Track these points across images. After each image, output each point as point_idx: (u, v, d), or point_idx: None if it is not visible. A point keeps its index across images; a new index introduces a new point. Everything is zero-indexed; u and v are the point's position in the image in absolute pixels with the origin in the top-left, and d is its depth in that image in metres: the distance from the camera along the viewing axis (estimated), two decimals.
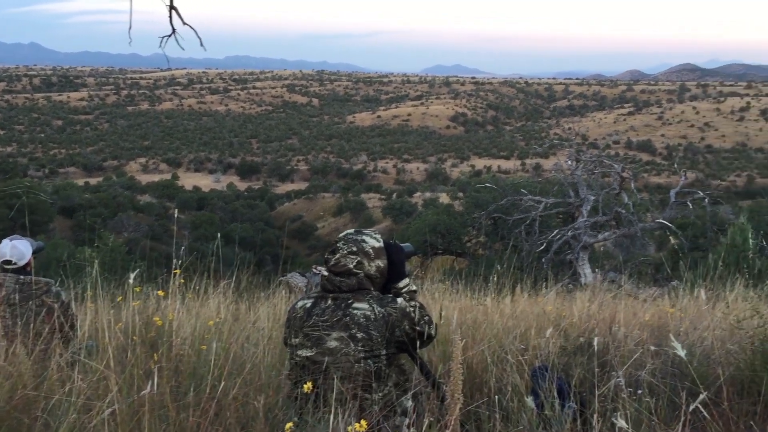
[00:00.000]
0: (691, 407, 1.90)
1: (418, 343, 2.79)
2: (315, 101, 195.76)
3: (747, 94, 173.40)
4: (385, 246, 3.00)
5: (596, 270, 14.45)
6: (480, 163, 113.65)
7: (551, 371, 2.82)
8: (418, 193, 72.14)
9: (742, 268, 7.30)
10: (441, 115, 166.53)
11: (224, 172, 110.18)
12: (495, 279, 5.70)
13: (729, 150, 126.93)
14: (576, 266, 13.66)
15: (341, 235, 3.00)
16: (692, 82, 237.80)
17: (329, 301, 2.82)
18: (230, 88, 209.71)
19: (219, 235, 4.08)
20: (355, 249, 2.89)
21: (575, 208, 14.50)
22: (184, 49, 3.71)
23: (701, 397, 1.89)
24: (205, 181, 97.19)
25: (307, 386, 2.54)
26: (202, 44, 3.67)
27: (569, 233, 13.53)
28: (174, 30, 3.66)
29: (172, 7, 3.56)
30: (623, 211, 13.87)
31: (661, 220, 14.20)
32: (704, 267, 6.00)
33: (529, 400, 2.51)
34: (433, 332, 2.88)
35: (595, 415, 2.17)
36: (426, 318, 2.86)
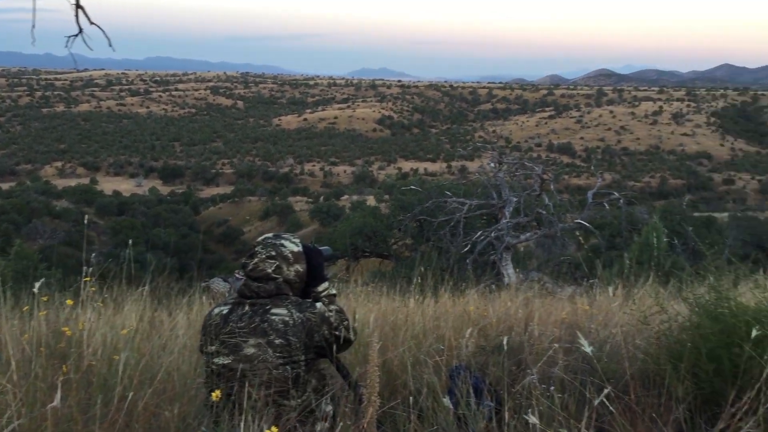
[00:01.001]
0: (596, 402, 1.97)
1: (335, 347, 2.79)
2: (240, 104, 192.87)
3: (659, 99, 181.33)
4: (305, 250, 2.98)
5: (519, 270, 14.78)
6: (407, 165, 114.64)
7: (468, 371, 2.87)
8: (346, 196, 72.13)
9: (654, 265, 7.60)
10: (368, 118, 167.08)
11: (146, 176, 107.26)
12: (418, 281, 5.74)
13: (643, 152, 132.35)
14: (499, 266, 13.93)
15: (259, 239, 2.97)
16: (609, 87, 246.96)
17: (246, 307, 2.78)
18: (151, 89, 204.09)
19: (131, 241, 3.96)
20: (273, 253, 2.86)
21: (498, 210, 14.78)
22: (92, 50, 3.59)
23: (605, 391, 1.96)
24: (125, 186, 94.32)
25: (216, 394, 2.49)
26: (110, 44, 3.56)
27: (492, 234, 13.78)
28: (81, 30, 3.53)
29: (78, 6, 3.44)
30: (544, 212, 14.25)
31: (579, 221, 14.65)
32: (619, 265, 6.23)
33: (446, 400, 2.54)
34: (351, 336, 2.88)
35: (507, 414, 2.21)
36: (345, 322, 2.85)
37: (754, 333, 2.57)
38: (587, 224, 14.33)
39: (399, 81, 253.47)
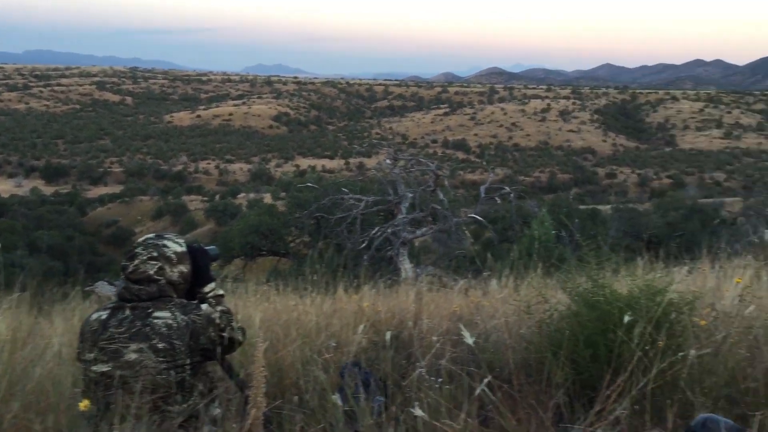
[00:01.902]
0: (477, 391, 2.03)
1: (222, 349, 2.72)
2: (128, 99, 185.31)
3: (547, 97, 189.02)
4: (189, 250, 2.89)
5: (415, 264, 15.03)
6: (304, 162, 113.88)
7: (358, 367, 2.88)
8: (242, 194, 70.82)
9: (542, 256, 7.89)
10: (264, 115, 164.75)
11: (27, 175, 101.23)
12: (313, 278, 5.71)
13: (533, 148, 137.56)
14: (396, 262, 14.12)
15: (140, 240, 2.85)
16: (500, 85, 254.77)
17: (127, 312, 2.66)
18: (31, 84, 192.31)
19: None
20: (155, 254, 2.76)
21: (394, 206, 14.98)
22: None
23: (485, 380, 2.02)
24: (4, 186, 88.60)
25: (84, 404, 2.38)
26: None
27: (389, 230, 13.95)
28: None
29: None
30: (439, 207, 14.56)
31: (473, 215, 15.08)
32: (510, 257, 6.41)
33: (335, 397, 2.53)
34: (239, 337, 2.82)
35: (395, 407, 2.23)
36: (232, 323, 2.79)
37: (626, 319, 2.72)
38: (480, 218, 14.75)
39: (295, 77, 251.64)
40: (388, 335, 2.78)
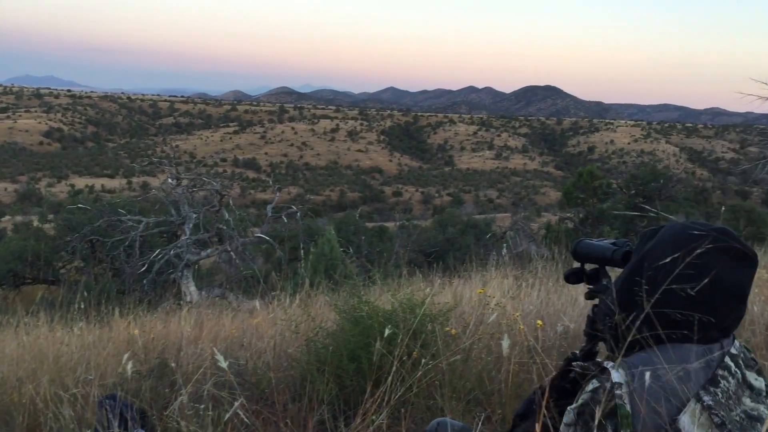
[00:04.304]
0: (227, 415, 2.02)
1: None
2: None
3: (336, 117, 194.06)
4: None
5: (202, 287, 14.55)
6: (81, 182, 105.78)
7: (115, 399, 2.72)
8: (7, 217, 63.94)
9: (327, 274, 8.05)
10: (32, 130, 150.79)
11: None
12: (80, 306, 5.31)
13: (324, 167, 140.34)
14: (181, 285, 13.57)
15: None
16: (290, 104, 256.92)
17: None
18: None
19: None
20: None
21: (178, 227, 14.42)
22: None
23: (236, 403, 2.02)
24: None
25: None
26: None
27: (172, 252, 13.38)
28: None
29: None
30: (224, 228, 14.25)
31: (259, 234, 14.96)
32: (298, 276, 6.45)
33: None
34: None
35: None
36: None
37: (386, 332, 2.86)
38: (266, 237, 14.68)
39: (69, 90, 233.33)
40: (157, 363, 2.66)
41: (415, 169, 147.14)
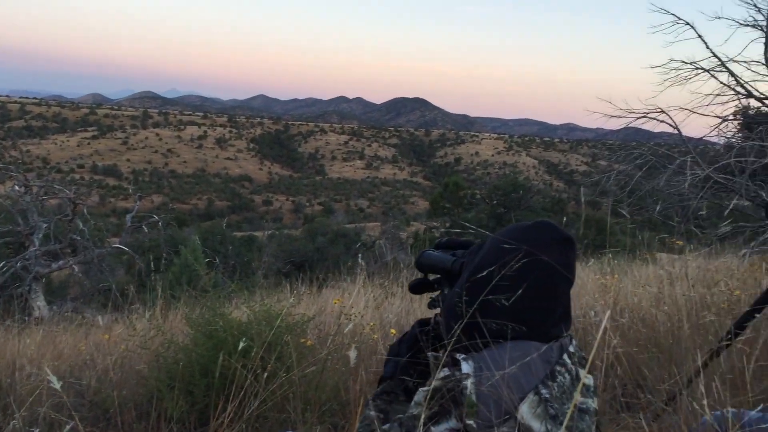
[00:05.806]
0: None
1: None
2: None
3: (204, 124, 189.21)
4: None
5: (53, 301, 13.65)
6: None
7: None
8: None
9: (191, 286, 7.72)
10: None
11: None
12: None
13: (191, 175, 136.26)
14: (29, 299, 12.66)
15: None
16: (154, 109, 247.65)
17: None
18: None
19: None
20: None
21: (25, 237, 13.44)
22: None
23: (68, 426, 1.90)
24: None
25: None
26: None
27: (18, 264, 12.46)
28: None
29: None
30: (78, 238, 13.46)
31: (118, 245, 14.25)
32: (158, 288, 6.14)
33: None
34: None
35: None
36: None
37: (241, 345, 2.78)
38: (125, 248, 14.00)
39: None
40: None
41: (285, 178, 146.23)
